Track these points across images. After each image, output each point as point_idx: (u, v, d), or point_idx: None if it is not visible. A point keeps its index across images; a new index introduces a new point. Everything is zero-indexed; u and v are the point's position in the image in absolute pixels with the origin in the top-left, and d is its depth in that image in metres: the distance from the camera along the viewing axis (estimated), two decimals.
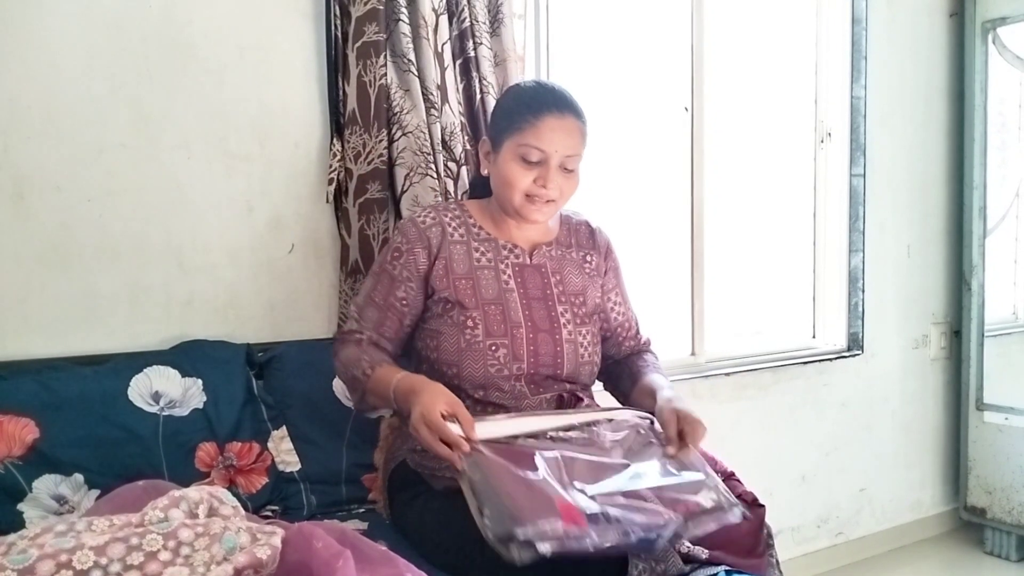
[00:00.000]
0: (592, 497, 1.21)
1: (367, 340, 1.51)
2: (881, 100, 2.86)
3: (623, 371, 1.67)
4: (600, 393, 1.76)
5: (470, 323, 1.48)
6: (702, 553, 1.37)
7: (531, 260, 1.58)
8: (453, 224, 1.56)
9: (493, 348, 1.47)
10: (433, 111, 1.87)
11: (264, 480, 1.60)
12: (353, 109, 1.80)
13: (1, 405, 1.41)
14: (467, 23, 1.91)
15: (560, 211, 1.63)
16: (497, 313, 1.50)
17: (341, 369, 1.52)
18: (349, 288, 1.85)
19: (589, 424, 1.39)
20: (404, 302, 1.51)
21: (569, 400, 1.54)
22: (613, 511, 1.19)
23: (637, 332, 1.72)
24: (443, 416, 1.26)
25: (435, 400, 1.29)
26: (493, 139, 1.54)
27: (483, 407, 1.48)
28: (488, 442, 1.27)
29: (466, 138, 1.94)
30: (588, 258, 1.64)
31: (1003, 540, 2.87)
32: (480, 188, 1.68)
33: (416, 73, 1.85)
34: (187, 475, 1.49)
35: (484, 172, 1.58)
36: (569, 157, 1.48)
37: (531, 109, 1.47)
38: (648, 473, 1.30)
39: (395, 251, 1.53)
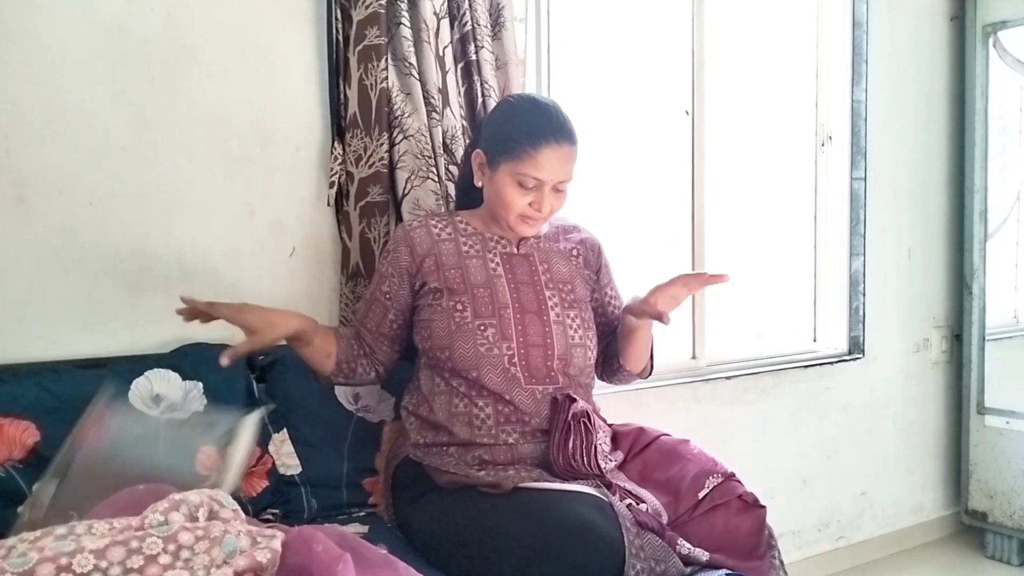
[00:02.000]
0: None
1: (344, 333, 1.63)
2: (882, 104, 2.86)
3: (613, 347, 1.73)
4: (603, 396, 1.76)
5: (459, 306, 1.52)
6: (703, 555, 1.36)
7: (519, 250, 1.63)
8: (440, 226, 1.62)
9: (482, 328, 1.51)
10: (434, 114, 1.87)
11: (265, 483, 1.59)
12: (354, 112, 1.81)
13: (2, 408, 1.40)
14: (468, 27, 1.91)
15: None
16: (485, 295, 1.54)
17: None
18: (350, 291, 1.85)
19: None
20: (387, 295, 1.60)
21: (563, 402, 1.52)
22: None
23: None
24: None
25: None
26: (489, 156, 1.57)
27: (477, 389, 1.51)
28: None
29: (467, 142, 1.94)
30: (575, 252, 1.69)
31: (1004, 544, 2.87)
32: (465, 199, 1.71)
33: (417, 76, 1.85)
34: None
35: (478, 183, 1.60)
36: (562, 181, 1.55)
37: (530, 140, 1.50)
38: None
39: (384, 253, 1.65)
